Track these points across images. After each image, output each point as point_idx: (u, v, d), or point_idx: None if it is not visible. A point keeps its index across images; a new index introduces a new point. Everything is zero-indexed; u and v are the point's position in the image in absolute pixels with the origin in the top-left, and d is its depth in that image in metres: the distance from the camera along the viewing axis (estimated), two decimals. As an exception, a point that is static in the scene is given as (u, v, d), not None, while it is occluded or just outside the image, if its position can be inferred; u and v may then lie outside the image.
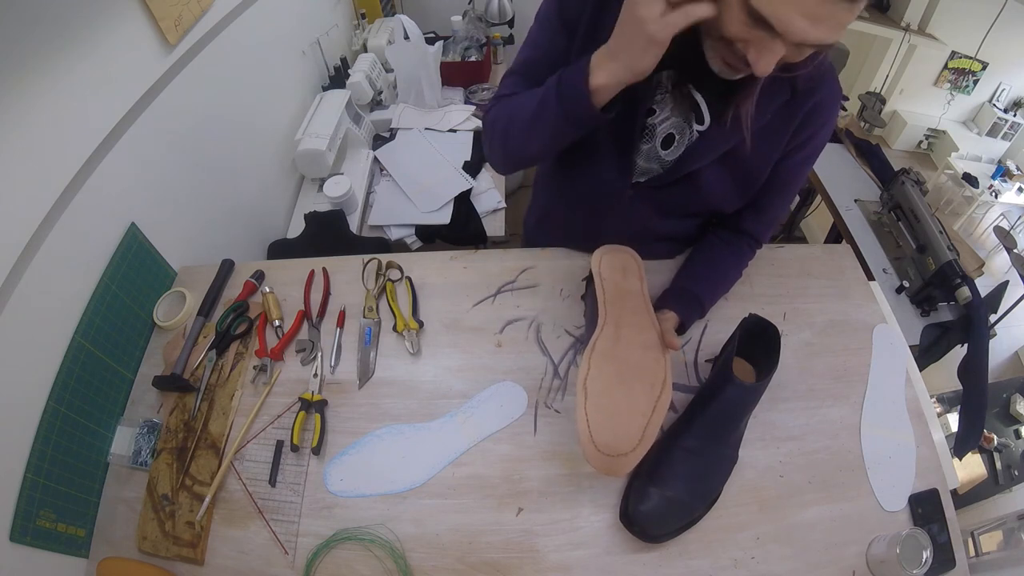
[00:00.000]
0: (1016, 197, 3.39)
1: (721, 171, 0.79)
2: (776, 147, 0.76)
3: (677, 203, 0.85)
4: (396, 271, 0.99)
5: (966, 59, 3.22)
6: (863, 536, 0.73)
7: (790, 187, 0.85)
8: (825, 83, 0.72)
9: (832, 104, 0.75)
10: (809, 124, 0.74)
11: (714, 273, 0.90)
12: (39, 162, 0.74)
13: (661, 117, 0.76)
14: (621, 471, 0.66)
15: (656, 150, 0.79)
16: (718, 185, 0.80)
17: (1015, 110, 3.48)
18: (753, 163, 0.77)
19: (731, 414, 0.74)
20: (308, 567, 0.71)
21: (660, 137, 0.78)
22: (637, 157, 0.80)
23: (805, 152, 0.79)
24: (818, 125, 0.75)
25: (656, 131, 0.77)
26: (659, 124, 0.77)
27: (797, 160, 0.80)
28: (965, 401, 1.39)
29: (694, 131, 0.76)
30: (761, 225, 0.90)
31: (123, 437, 0.82)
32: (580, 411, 0.67)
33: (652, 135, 0.78)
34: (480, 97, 1.90)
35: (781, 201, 0.87)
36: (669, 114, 0.76)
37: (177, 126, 1.05)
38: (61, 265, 0.78)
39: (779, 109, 0.71)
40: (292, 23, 1.58)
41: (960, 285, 1.40)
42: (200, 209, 1.15)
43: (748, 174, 0.79)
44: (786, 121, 0.73)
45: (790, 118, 0.73)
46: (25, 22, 0.71)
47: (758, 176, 0.80)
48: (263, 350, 0.89)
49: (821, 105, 0.73)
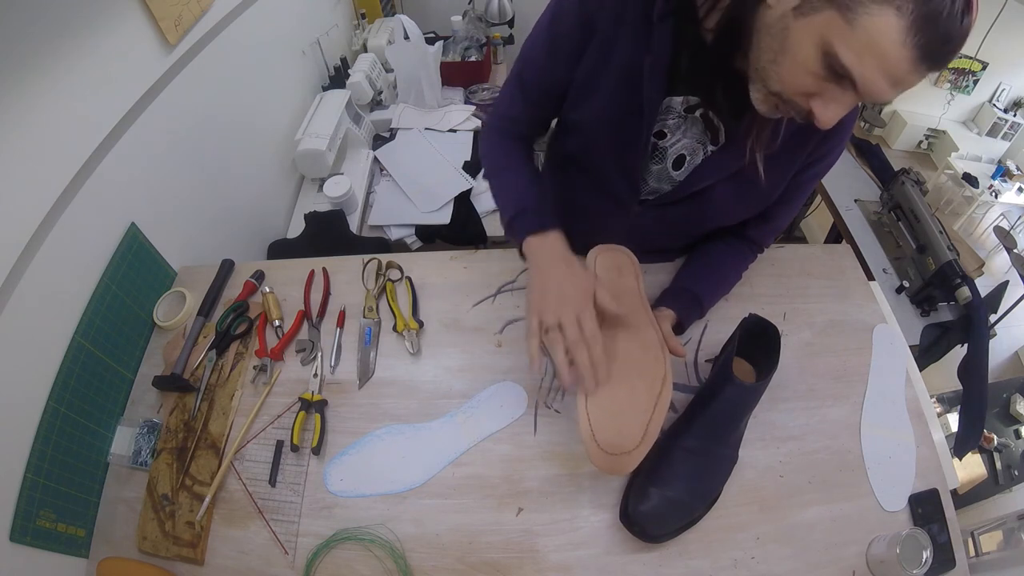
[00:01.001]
0: (1016, 197, 3.39)
1: (732, 189, 0.77)
2: (790, 166, 0.75)
3: (683, 220, 0.84)
4: (396, 271, 0.99)
5: (966, 59, 3.22)
6: (863, 536, 0.73)
7: (798, 199, 0.85)
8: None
9: (847, 124, 0.74)
10: (825, 141, 0.74)
11: (714, 274, 0.90)
12: (39, 162, 0.74)
13: (672, 140, 0.76)
14: (624, 469, 0.66)
15: (667, 171, 0.79)
16: (727, 202, 0.80)
17: (1015, 110, 3.49)
18: (766, 182, 0.74)
19: (731, 414, 0.74)
20: (308, 567, 0.71)
21: (672, 158, 0.77)
22: (647, 177, 0.80)
23: (817, 168, 0.78)
24: (834, 142, 0.75)
25: (667, 153, 0.77)
26: (670, 147, 0.77)
27: (809, 175, 0.79)
28: (965, 401, 1.40)
29: (708, 150, 0.76)
30: (766, 233, 0.90)
31: (123, 437, 0.82)
32: (581, 410, 0.67)
33: (663, 157, 0.78)
34: (480, 97, 1.89)
35: (788, 212, 0.87)
36: (681, 136, 0.76)
37: (177, 126, 1.05)
38: (61, 265, 0.78)
39: (796, 130, 0.70)
40: (292, 23, 1.58)
41: (960, 285, 1.40)
42: (200, 209, 1.15)
43: (760, 192, 0.78)
44: (802, 142, 0.72)
45: (806, 140, 0.72)
46: (25, 22, 0.71)
47: (770, 194, 0.79)
48: (263, 350, 0.89)
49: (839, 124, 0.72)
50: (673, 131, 0.75)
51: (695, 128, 0.75)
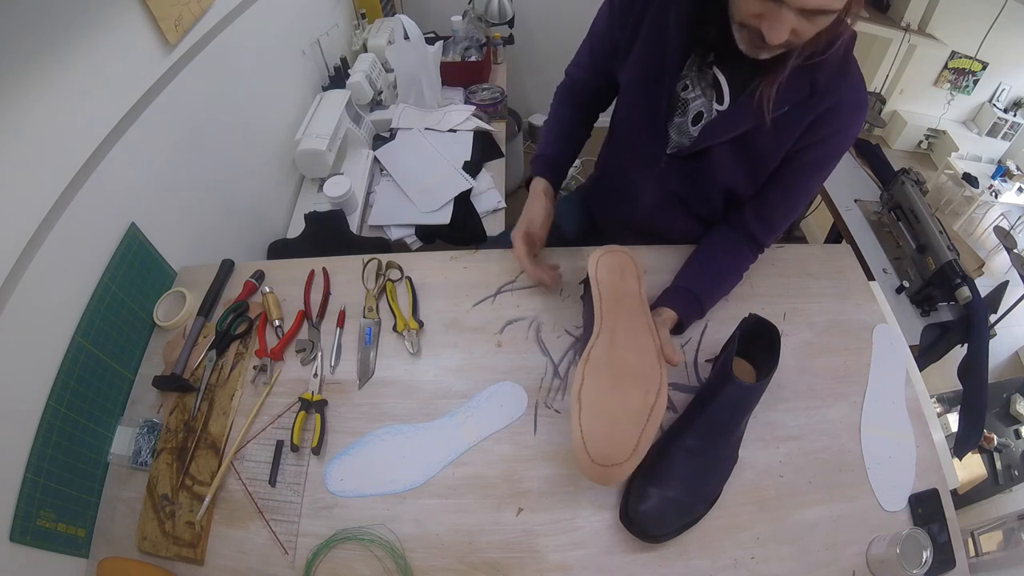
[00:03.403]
0: (1016, 197, 3.39)
1: (733, 152, 0.82)
2: (788, 137, 0.78)
3: (700, 177, 0.88)
4: (396, 271, 0.99)
5: (966, 59, 3.21)
6: (863, 536, 0.73)
7: (796, 189, 0.85)
8: (847, 87, 0.74)
9: (852, 111, 0.76)
10: (824, 124, 0.76)
11: (714, 274, 0.91)
12: (39, 162, 0.74)
13: (694, 94, 0.83)
14: (615, 480, 0.66)
15: (687, 125, 0.84)
16: (728, 166, 0.84)
17: (1015, 110, 3.48)
18: (764, 149, 0.80)
19: (731, 414, 0.74)
20: (308, 567, 0.71)
21: (692, 113, 0.84)
22: (670, 129, 0.85)
23: (816, 154, 0.80)
24: (834, 128, 0.76)
25: (689, 106, 0.84)
26: (692, 100, 0.83)
27: (807, 160, 0.81)
28: (965, 401, 1.40)
29: (714, 110, 0.81)
30: (764, 226, 0.90)
31: (123, 437, 0.82)
32: (574, 422, 0.66)
33: (685, 110, 0.84)
34: (480, 97, 1.89)
35: (785, 201, 0.87)
36: (700, 94, 0.82)
37: (177, 126, 1.05)
38: (61, 265, 0.78)
39: (798, 104, 0.74)
40: (292, 23, 1.58)
41: (960, 285, 1.40)
42: (200, 209, 1.15)
43: (759, 158, 0.82)
44: (802, 115, 0.76)
45: (806, 113, 0.75)
46: (25, 22, 0.71)
47: (769, 161, 0.82)
48: (263, 350, 0.89)
49: (840, 107, 0.74)
50: (694, 84, 0.82)
51: (710, 87, 0.81)
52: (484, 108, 1.86)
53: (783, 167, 0.82)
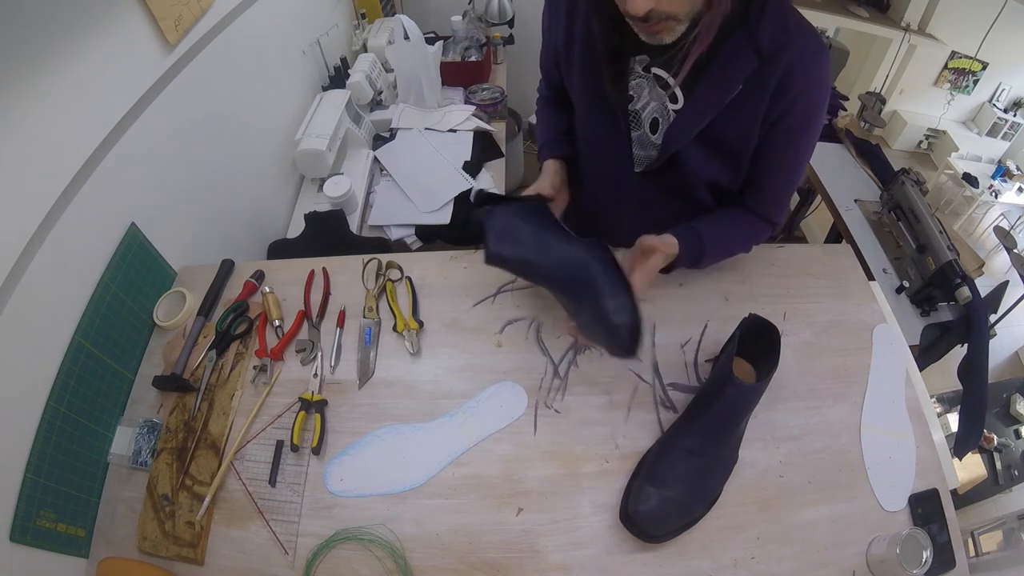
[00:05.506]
0: (1016, 197, 3.39)
1: (702, 150, 0.79)
2: (752, 116, 0.74)
3: (675, 185, 0.86)
4: (396, 271, 0.99)
5: (966, 59, 3.21)
6: (863, 536, 0.73)
7: (784, 163, 0.82)
8: (795, 42, 0.69)
9: (811, 62, 0.71)
10: (787, 88, 0.71)
11: (726, 226, 0.88)
12: (39, 162, 0.74)
13: (641, 103, 0.81)
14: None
15: (647, 136, 0.83)
16: (703, 164, 0.82)
17: (1015, 110, 3.48)
18: (731, 136, 0.77)
19: (731, 414, 0.74)
20: (308, 567, 0.71)
21: (647, 122, 0.82)
22: (632, 146, 0.84)
23: (790, 121, 0.75)
24: (799, 88, 0.71)
25: (641, 117, 0.82)
26: (642, 110, 0.80)
27: (783, 129, 0.76)
28: (965, 401, 1.40)
29: (670, 112, 0.79)
30: (763, 204, 0.87)
31: (123, 437, 0.82)
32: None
33: (639, 121, 0.82)
34: (480, 97, 1.89)
35: (776, 178, 0.84)
36: (648, 99, 0.80)
37: (177, 126, 1.05)
38: (61, 265, 0.78)
39: (750, 78, 0.70)
40: (292, 23, 1.58)
41: (960, 285, 1.40)
42: (200, 209, 1.15)
43: (730, 148, 0.79)
44: (759, 89, 0.71)
45: (762, 85, 0.71)
46: (25, 22, 0.71)
47: (741, 149, 0.79)
48: (263, 350, 0.89)
49: (796, 64, 0.69)
50: (639, 93, 0.80)
51: (656, 89, 0.78)
52: (484, 108, 1.86)
53: (768, 141, 0.77)
